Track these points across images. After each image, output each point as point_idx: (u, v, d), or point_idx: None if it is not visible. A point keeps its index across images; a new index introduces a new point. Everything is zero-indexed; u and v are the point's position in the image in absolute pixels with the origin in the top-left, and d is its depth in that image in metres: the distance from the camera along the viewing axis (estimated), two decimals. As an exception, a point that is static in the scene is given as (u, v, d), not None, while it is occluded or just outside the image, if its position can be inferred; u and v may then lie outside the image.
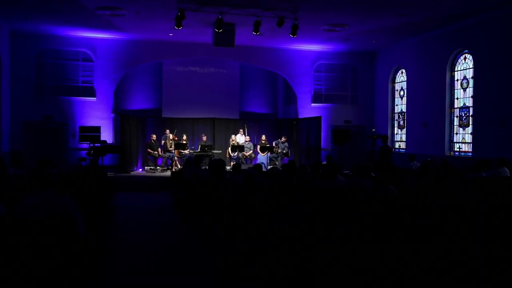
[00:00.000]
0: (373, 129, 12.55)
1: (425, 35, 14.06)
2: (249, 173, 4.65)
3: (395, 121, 16.26)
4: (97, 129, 13.74)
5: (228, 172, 8.30)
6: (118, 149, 13.94)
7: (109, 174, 13.35)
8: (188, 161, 8.20)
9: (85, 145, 13.95)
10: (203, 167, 9.70)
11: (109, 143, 14.29)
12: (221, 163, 7.30)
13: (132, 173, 14.31)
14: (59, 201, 3.59)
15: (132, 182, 12.87)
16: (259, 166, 7.52)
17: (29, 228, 3.34)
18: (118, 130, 14.57)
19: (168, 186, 12.41)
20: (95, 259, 4.67)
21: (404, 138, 15.71)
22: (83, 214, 4.14)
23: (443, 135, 13.44)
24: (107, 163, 14.34)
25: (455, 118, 13.25)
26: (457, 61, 13.18)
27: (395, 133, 16.29)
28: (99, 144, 13.64)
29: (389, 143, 16.35)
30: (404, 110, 15.64)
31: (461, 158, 12.71)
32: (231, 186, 5.89)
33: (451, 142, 13.38)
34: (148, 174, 14.11)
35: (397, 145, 16.19)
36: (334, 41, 15.34)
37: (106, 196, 8.64)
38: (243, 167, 13.61)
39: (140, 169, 15.19)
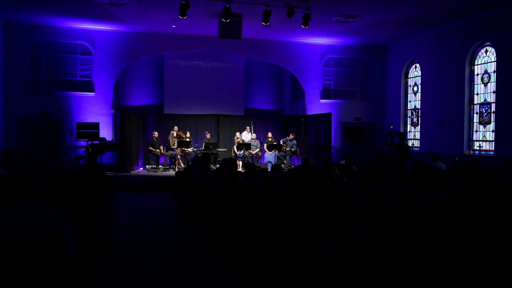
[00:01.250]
0: (391, 126, 11.79)
1: (442, 27, 13.32)
2: (273, 178, 3.93)
3: (408, 118, 15.53)
4: (96, 126, 12.99)
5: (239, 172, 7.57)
6: (118, 146, 13.20)
7: (108, 173, 12.64)
8: (195, 161, 7.48)
9: (83, 142, 13.22)
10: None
11: (109, 141, 13.57)
12: (233, 162, 6.59)
13: (133, 172, 13.58)
14: (47, 217, 2.87)
15: (132, 182, 12.15)
16: (279, 167, 6.81)
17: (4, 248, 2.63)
18: (118, 127, 13.83)
19: (171, 186, 11.70)
20: (92, 279, 3.95)
21: (418, 136, 14.99)
22: (78, 221, 3.45)
23: (462, 132, 12.72)
24: (106, 161, 13.63)
25: (475, 114, 12.52)
26: (477, 54, 12.44)
27: (408, 130, 15.56)
28: (97, 142, 12.92)
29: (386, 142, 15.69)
30: (418, 106, 14.90)
31: (482, 157, 11.97)
32: (247, 190, 5.16)
33: (470, 140, 12.65)
34: (150, 173, 13.38)
35: (410, 143, 15.44)
36: (344, 34, 14.60)
37: (104, 198, 7.91)
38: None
39: (141, 168, 14.46)
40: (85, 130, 12.83)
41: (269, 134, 14.59)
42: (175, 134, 13.91)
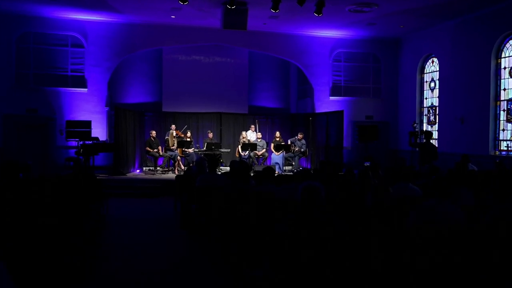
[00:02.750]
0: (415, 124, 10.69)
1: (463, 17, 12.29)
2: (313, 188, 2.87)
3: (424, 116, 14.48)
4: (87, 124, 11.88)
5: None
6: (112, 147, 12.12)
7: (102, 176, 11.55)
8: (199, 164, 6.41)
9: (74, 143, 12.12)
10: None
11: (102, 141, 12.47)
12: (246, 166, 5.53)
13: (129, 175, 12.48)
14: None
15: (128, 185, 11.08)
16: (270, 169, 5.60)
17: None
18: (112, 126, 12.74)
19: (170, 191, 10.65)
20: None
21: (435, 136, 13.95)
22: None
23: (486, 131, 11.68)
24: (100, 163, 12.57)
25: (502, 112, 11.49)
26: (504, 46, 11.41)
27: (418, 131, 14.48)
28: (90, 142, 11.84)
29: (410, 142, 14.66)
30: (436, 103, 13.87)
31: (511, 158, 10.95)
32: (269, 202, 4.10)
33: (496, 139, 11.61)
34: (147, 176, 12.29)
35: (426, 143, 14.41)
36: (356, 26, 13.56)
37: (94, 205, 6.85)
38: (256, 168, 11.85)
39: (138, 170, 13.38)
40: (76, 129, 11.73)
41: (277, 134, 13.52)
42: (174, 134, 12.84)
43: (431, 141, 9.43)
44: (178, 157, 12.67)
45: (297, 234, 2.64)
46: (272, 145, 13.34)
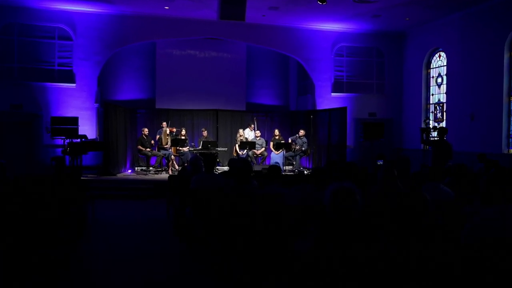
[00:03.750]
0: (427, 120, 9.98)
1: (473, 8, 11.64)
2: (347, 191, 2.17)
3: (431, 113, 13.82)
4: (74, 121, 11.12)
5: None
6: (101, 146, 11.37)
7: (90, 176, 10.82)
8: (194, 163, 5.70)
9: (61, 141, 11.36)
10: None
11: (91, 139, 11.73)
12: (247, 164, 4.82)
13: (119, 175, 11.73)
14: None
15: (118, 187, 10.34)
16: (277, 168, 4.84)
17: None
18: (102, 123, 11.99)
19: (164, 193, 9.94)
20: None
21: (443, 133, 13.30)
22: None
23: (499, 129, 11.03)
24: (89, 163, 11.83)
25: (516, 108, 10.86)
26: (518, 38, 10.77)
27: (431, 127, 13.83)
28: (78, 140, 11.10)
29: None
30: (443, 100, 13.21)
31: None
32: (276, 204, 3.40)
33: (510, 137, 10.97)
34: (139, 176, 11.53)
35: (433, 142, 13.76)
36: (360, 19, 12.90)
37: (78, 210, 6.13)
38: (255, 168, 11.13)
39: (129, 170, 12.63)
40: (62, 126, 10.96)
41: (276, 132, 12.82)
42: (167, 131, 12.11)
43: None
44: (172, 156, 11.93)
45: (329, 257, 1.93)
46: (272, 143, 12.64)
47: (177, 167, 11.93)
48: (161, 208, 8.40)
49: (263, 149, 12.56)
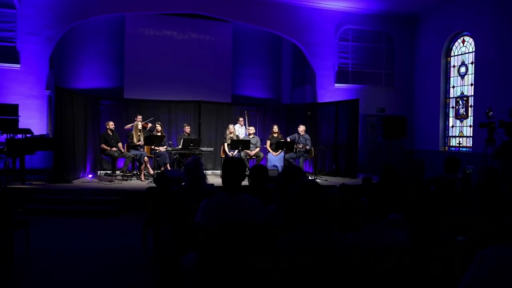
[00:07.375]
0: (490, 112, 7.81)
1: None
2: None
3: (451, 109, 11.86)
4: (13, 109, 8.42)
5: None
6: (53, 143, 8.73)
7: (36, 184, 8.19)
8: (191, 171, 3.28)
9: (2, 137, 8.68)
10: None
11: (40, 135, 9.06)
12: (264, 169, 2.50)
13: (76, 182, 9.05)
14: None
15: (73, 199, 7.74)
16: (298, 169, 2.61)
17: None
18: (54, 115, 9.33)
19: (135, 206, 7.51)
20: None
21: (466, 132, 11.36)
22: None
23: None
24: (38, 165, 9.20)
25: None
26: None
27: (450, 125, 11.88)
28: (21, 136, 8.47)
29: (440, 139, 12.03)
30: (467, 93, 11.27)
31: None
32: None
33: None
34: (102, 184, 8.86)
35: (454, 142, 11.80)
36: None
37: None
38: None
39: (90, 175, 10.01)
40: (-5, 117, 8.29)
41: (275, 128, 10.48)
42: (139, 126, 9.58)
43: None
44: (146, 157, 9.40)
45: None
46: (268, 142, 10.32)
47: (151, 171, 9.42)
48: (133, 230, 5.94)
49: (258, 149, 10.22)
